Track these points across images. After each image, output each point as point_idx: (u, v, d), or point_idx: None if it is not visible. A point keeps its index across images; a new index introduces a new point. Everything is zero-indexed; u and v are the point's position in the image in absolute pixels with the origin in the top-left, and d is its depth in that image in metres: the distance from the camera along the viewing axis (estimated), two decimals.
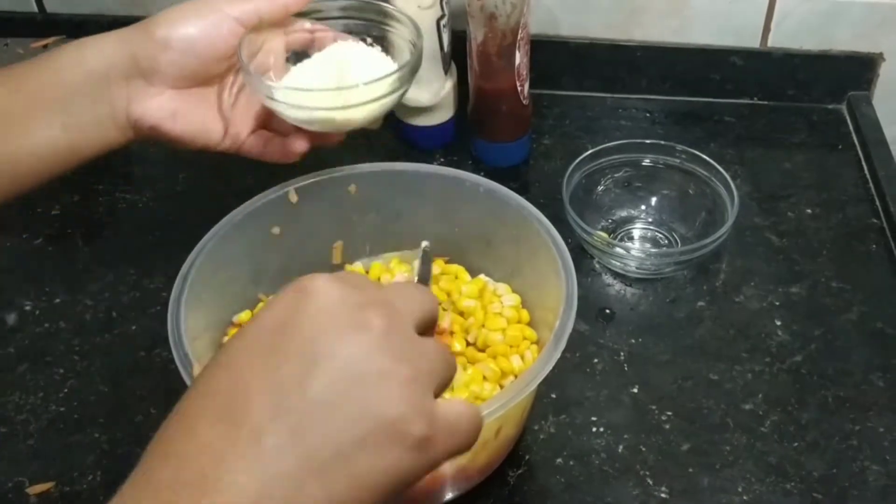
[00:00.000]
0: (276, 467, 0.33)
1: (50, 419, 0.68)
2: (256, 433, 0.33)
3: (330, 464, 0.34)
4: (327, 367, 0.35)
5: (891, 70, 0.92)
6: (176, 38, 0.58)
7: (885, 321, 0.74)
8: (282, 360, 0.35)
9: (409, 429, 0.35)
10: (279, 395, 0.34)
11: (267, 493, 0.33)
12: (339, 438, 0.34)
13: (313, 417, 0.34)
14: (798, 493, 0.63)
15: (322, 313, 0.36)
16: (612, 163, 0.82)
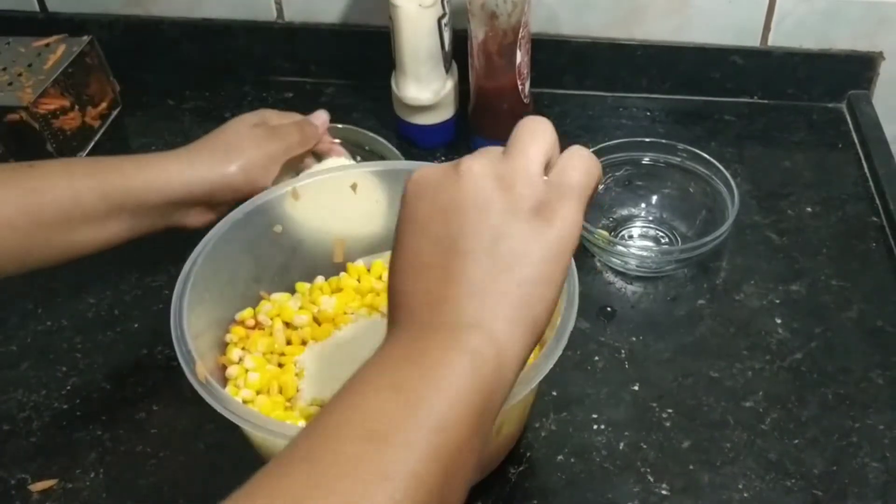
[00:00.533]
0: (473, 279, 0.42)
1: (52, 416, 0.68)
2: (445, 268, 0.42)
3: (498, 259, 0.42)
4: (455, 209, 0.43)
5: (890, 69, 0.93)
6: (246, 180, 0.70)
7: (884, 319, 0.74)
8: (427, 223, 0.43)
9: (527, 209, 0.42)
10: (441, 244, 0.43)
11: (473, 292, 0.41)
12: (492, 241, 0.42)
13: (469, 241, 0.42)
14: (798, 490, 0.63)
15: (428, 183, 0.44)
16: (612, 161, 0.82)
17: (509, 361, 0.41)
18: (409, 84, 0.86)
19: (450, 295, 0.41)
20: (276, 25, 0.98)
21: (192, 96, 0.99)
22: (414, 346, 0.41)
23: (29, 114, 0.84)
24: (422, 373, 0.39)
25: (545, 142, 0.45)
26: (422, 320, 0.42)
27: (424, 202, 0.44)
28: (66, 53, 0.89)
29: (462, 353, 0.40)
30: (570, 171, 0.44)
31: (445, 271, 0.42)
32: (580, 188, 0.44)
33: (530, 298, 0.42)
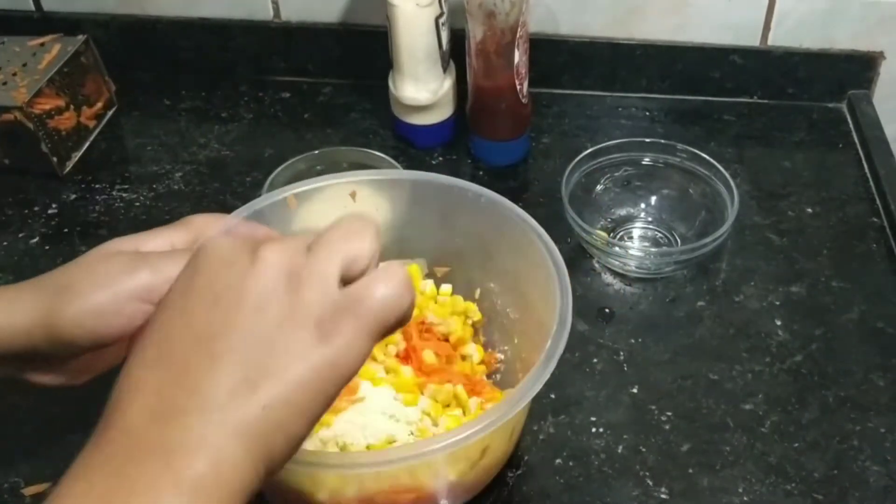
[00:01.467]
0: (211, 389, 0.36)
1: (46, 419, 0.68)
2: (185, 365, 0.37)
3: (253, 373, 0.36)
4: (231, 298, 0.37)
5: (891, 68, 0.92)
6: (85, 331, 0.49)
7: (885, 320, 0.74)
8: (192, 301, 0.38)
9: (322, 324, 0.37)
10: (195, 330, 0.37)
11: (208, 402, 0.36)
12: (254, 349, 0.36)
13: (228, 338, 0.36)
14: (798, 494, 0.62)
15: (221, 260, 0.39)
16: (611, 161, 0.81)
17: (232, 493, 0.35)
18: (407, 84, 0.86)
19: (179, 407, 0.35)
20: (272, 25, 0.97)
21: (188, 96, 0.98)
22: (120, 477, 0.34)
23: (23, 114, 0.83)
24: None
25: (359, 244, 0.39)
26: (139, 432, 0.35)
27: (201, 280, 0.38)
28: (62, 53, 0.89)
29: (179, 489, 0.34)
30: (374, 289, 0.38)
31: (186, 372, 0.36)
32: (377, 312, 0.38)
33: (272, 426, 0.36)
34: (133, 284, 0.48)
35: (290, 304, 0.37)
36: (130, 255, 0.51)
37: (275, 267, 0.38)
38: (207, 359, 0.36)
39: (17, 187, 0.88)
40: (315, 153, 0.82)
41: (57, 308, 0.49)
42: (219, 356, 0.36)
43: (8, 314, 0.50)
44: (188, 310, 0.38)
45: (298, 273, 0.38)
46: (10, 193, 0.87)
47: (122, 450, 0.35)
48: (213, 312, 0.37)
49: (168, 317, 0.39)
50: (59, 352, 0.50)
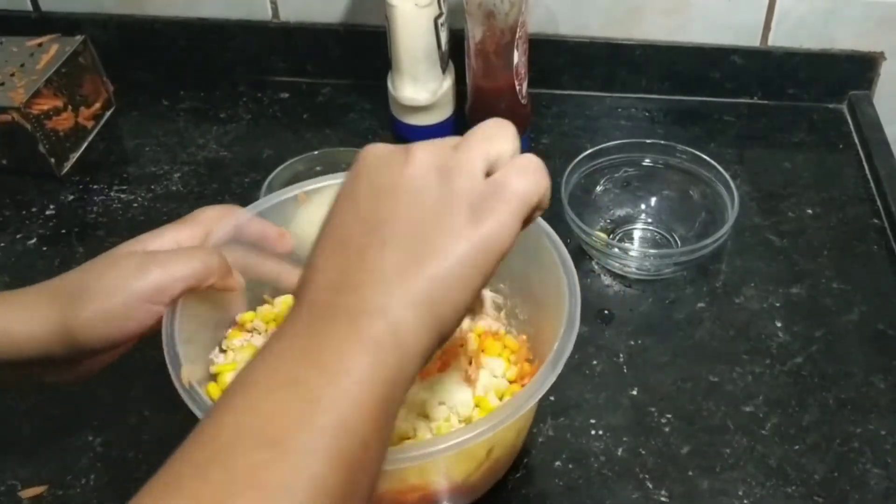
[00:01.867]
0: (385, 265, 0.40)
1: (43, 421, 0.67)
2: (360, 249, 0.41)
3: (418, 251, 0.40)
4: (391, 188, 0.42)
5: (891, 69, 0.92)
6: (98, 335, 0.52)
7: (886, 322, 0.73)
8: (359, 196, 0.42)
9: (474, 203, 0.41)
10: (365, 219, 0.42)
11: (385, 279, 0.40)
12: (417, 230, 0.41)
13: (393, 222, 0.41)
14: (799, 497, 0.62)
15: (379, 159, 0.43)
16: (611, 162, 0.81)
17: (410, 355, 0.39)
18: (406, 84, 0.85)
19: (358, 281, 0.40)
20: (271, 25, 0.97)
21: (186, 96, 0.98)
22: (312, 337, 0.39)
23: (21, 114, 0.83)
24: (320, 369, 0.37)
25: (500, 144, 0.43)
26: (326, 302, 0.40)
27: (364, 179, 0.43)
28: (59, 53, 0.88)
29: (363, 345, 0.38)
30: (516, 175, 0.42)
31: (361, 254, 0.40)
32: (521, 195, 0.42)
33: (439, 296, 0.40)
34: (143, 287, 0.52)
35: (444, 191, 0.41)
36: (139, 256, 0.54)
37: (427, 161, 0.42)
38: (378, 242, 0.40)
39: (15, 188, 0.88)
40: (314, 154, 0.81)
41: (71, 316, 0.51)
42: (387, 239, 0.40)
43: (25, 323, 0.52)
44: (356, 204, 0.42)
45: (448, 166, 0.42)
46: (8, 194, 0.87)
47: (312, 317, 0.40)
48: (378, 203, 0.41)
49: (339, 211, 0.43)
50: (73, 356, 0.53)
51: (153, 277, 0.52)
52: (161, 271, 0.53)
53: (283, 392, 0.36)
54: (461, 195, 0.41)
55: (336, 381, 0.37)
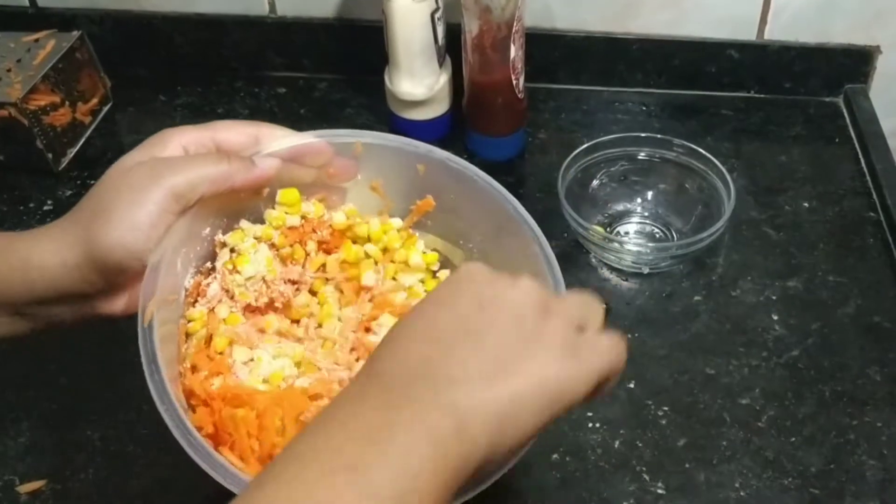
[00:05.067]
0: (472, 369, 0.41)
1: (41, 416, 0.68)
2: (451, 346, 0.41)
3: (506, 367, 0.41)
4: (495, 304, 0.43)
5: (887, 63, 0.92)
6: (127, 252, 0.50)
7: (882, 315, 0.74)
8: (461, 301, 0.43)
9: (565, 344, 0.42)
10: (463, 323, 0.42)
11: (466, 379, 0.40)
12: (510, 348, 0.42)
13: (490, 335, 0.42)
14: (795, 488, 0.63)
15: (487, 278, 0.44)
16: (607, 156, 0.81)
17: (470, 458, 0.39)
18: (403, 79, 0.85)
19: (440, 374, 0.40)
20: (268, 20, 0.97)
21: (183, 92, 0.98)
22: (380, 421, 0.39)
23: (18, 110, 0.83)
24: (383, 460, 0.37)
25: (594, 313, 0.46)
26: (400, 388, 0.40)
27: (467, 288, 0.44)
28: (56, 49, 0.88)
29: (428, 440, 0.38)
30: (606, 339, 0.45)
31: (450, 349, 0.41)
32: (607, 358, 0.44)
33: (512, 414, 0.40)
34: (161, 193, 0.50)
35: (541, 324, 0.43)
36: (149, 164, 0.52)
37: (532, 293, 0.44)
38: (471, 345, 0.41)
39: (13, 184, 0.88)
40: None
41: (95, 236, 0.50)
42: (481, 345, 0.41)
43: (54, 254, 0.50)
44: (454, 308, 0.43)
45: (549, 305, 0.44)
46: (5, 190, 0.87)
47: (385, 400, 0.40)
48: (481, 312, 0.42)
49: (436, 309, 0.43)
50: (111, 279, 0.51)
51: (168, 184, 0.50)
52: (176, 177, 0.51)
53: (342, 477, 0.36)
54: (556, 334, 0.43)
55: (393, 476, 0.37)
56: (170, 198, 0.51)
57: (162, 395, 0.50)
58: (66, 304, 0.52)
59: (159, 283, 0.52)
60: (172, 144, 0.54)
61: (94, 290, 0.52)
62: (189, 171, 0.51)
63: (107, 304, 0.53)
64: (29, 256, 0.50)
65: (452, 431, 0.38)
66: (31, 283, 0.51)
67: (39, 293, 0.51)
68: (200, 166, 0.52)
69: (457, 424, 0.39)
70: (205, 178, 0.52)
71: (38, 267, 0.50)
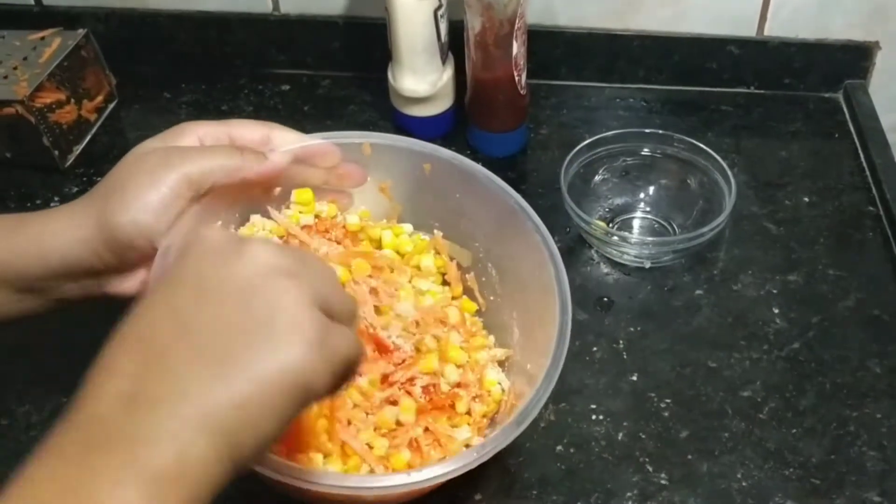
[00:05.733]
0: (186, 380, 0.36)
1: (52, 410, 0.68)
2: (164, 354, 0.37)
3: (228, 366, 0.36)
4: (216, 288, 0.38)
5: (887, 58, 0.93)
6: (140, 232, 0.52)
7: (881, 308, 0.74)
8: (178, 290, 0.39)
9: (304, 325, 0.38)
10: (179, 319, 0.38)
11: (182, 393, 0.36)
12: (234, 342, 0.37)
13: (210, 330, 0.37)
14: (796, 479, 0.63)
15: (209, 251, 0.40)
16: (609, 152, 0.82)
17: (196, 488, 0.35)
18: (406, 76, 0.86)
19: (153, 397, 0.36)
20: (272, 18, 0.98)
21: (188, 89, 0.99)
22: (83, 468, 0.34)
23: (25, 108, 0.83)
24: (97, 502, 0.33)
25: (336, 290, 0.42)
26: (109, 420, 0.36)
27: (189, 271, 0.39)
28: (62, 47, 0.89)
29: (139, 482, 0.34)
30: (347, 336, 0.41)
31: (164, 363, 0.36)
32: (349, 349, 0.40)
33: (241, 422, 0.36)
34: (175, 178, 0.52)
35: (272, 302, 0.38)
36: (163, 150, 0.54)
37: (263, 261, 0.38)
38: (186, 350, 0.36)
39: (19, 181, 0.88)
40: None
41: (109, 213, 0.51)
42: (198, 349, 0.36)
43: (68, 229, 0.52)
44: (173, 298, 0.38)
45: (287, 270, 0.39)
46: (12, 187, 0.88)
47: (89, 437, 0.35)
48: (199, 303, 0.37)
49: (152, 302, 0.39)
50: (122, 256, 0.52)
51: (183, 170, 0.52)
52: (190, 164, 0.53)
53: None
54: (291, 314, 0.38)
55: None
56: (183, 183, 0.52)
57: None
58: (77, 281, 0.53)
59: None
60: (189, 135, 0.56)
61: (105, 266, 0.53)
62: (203, 160, 0.53)
63: (115, 283, 0.54)
64: (43, 230, 0.52)
65: (169, 465, 0.35)
66: (46, 257, 0.52)
67: (53, 267, 0.52)
68: (214, 156, 0.54)
69: (174, 456, 0.35)
70: (218, 168, 0.54)
71: (52, 240, 0.52)
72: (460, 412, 0.60)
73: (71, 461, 0.35)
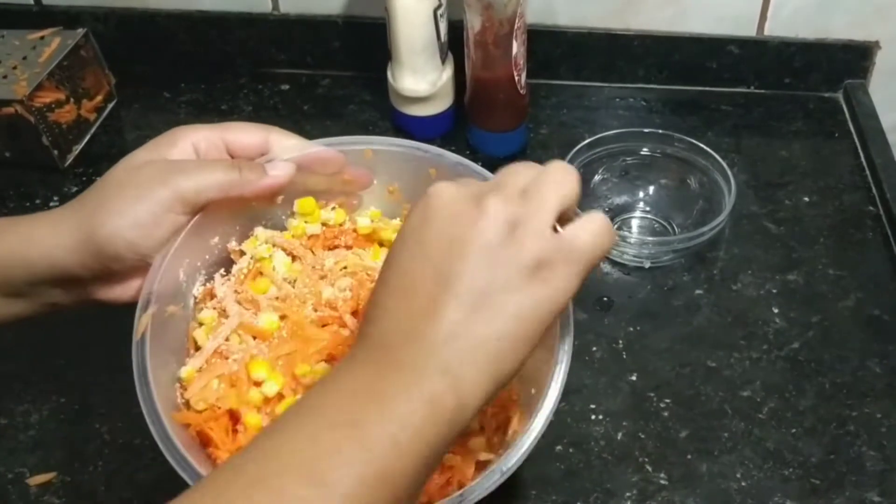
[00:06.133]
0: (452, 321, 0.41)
1: (50, 410, 0.68)
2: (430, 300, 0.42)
3: (485, 308, 0.41)
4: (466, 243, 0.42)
5: (887, 58, 0.93)
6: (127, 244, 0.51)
7: (881, 308, 0.74)
8: (431, 249, 0.43)
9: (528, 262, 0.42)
10: (439, 273, 0.42)
11: (452, 334, 0.41)
12: (486, 288, 0.42)
13: (466, 281, 0.42)
14: (796, 479, 0.63)
15: (445, 208, 0.43)
16: (609, 152, 0.82)
17: (467, 411, 0.41)
18: (406, 75, 0.86)
19: (427, 332, 0.41)
20: (271, 17, 0.98)
21: (187, 89, 0.99)
22: (380, 380, 0.41)
23: (24, 107, 0.83)
24: (380, 415, 0.39)
25: (567, 194, 0.44)
26: (393, 349, 0.42)
27: (434, 226, 0.43)
28: (61, 46, 0.89)
29: (424, 400, 0.40)
30: (584, 234, 0.44)
31: (431, 304, 0.42)
32: (588, 256, 0.44)
33: (504, 354, 0.42)
34: (167, 194, 0.51)
35: (515, 251, 0.42)
36: (159, 164, 0.53)
37: (499, 217, 0.42)
38: (448, 295, 0.41)
39: (19, 180, 0.88)
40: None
41: (96, 224, 0.50)
42: (455, 294, 0.41)
43: (54, 236, 0.51)
44: (426, 250, 0.42)
45: (518, 222, 0.42)
46: (12, 186, 0.88)
47: (381, 361, 0.41)
48: (451, 255, 0.42)
49: (408, 256, 0.43)
50: (108, 267, 0.51)
51: (176, 186, 0.51)
52: (184, 181, 0.51)
53: (342, 431, 0.39)
54: (529, 254, 0.42)
55: (392, 432, 0.39)
56: (175, 200, 0.51)
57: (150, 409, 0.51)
58: (63, 287, 0.53)
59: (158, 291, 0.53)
60: (182, 143, 0.54)
61: (91, 275, 0.52)
62: (198, 176, 0.52)
63: (103, 290, 0.54)
64: (30, 236, 0.51)
65: (446, 390, 0.40)
66: (31, 263, 0.51)
67: (39, 273, 0.51)
68: (210, 172, 0.53)
69: (451, 383, 0.40)
70: (214, 184, 0.52)
71: (38, 247, 0.51)
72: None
73: (370, 375, 0.41)
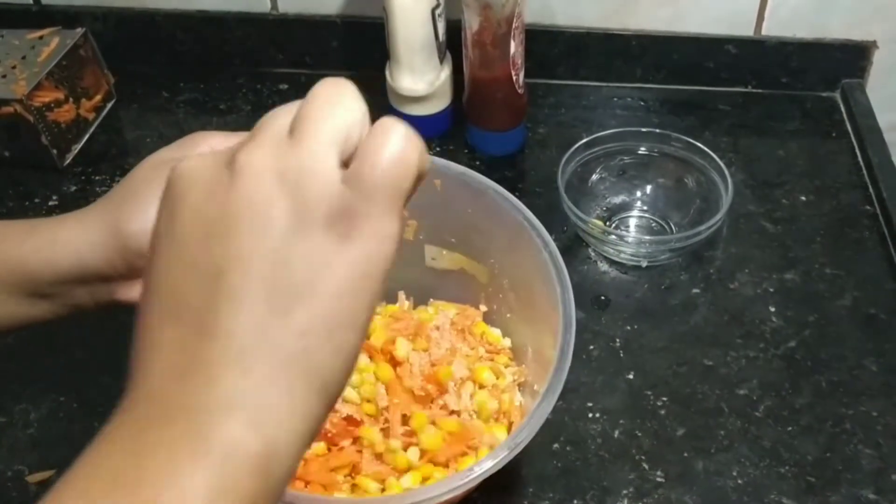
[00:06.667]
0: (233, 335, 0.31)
1: (50, 408, 0.68)
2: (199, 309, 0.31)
3: (280, 297, 0.31)
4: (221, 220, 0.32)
5: (884, 58, 0.93)
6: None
7: (877, 307, 0.74)
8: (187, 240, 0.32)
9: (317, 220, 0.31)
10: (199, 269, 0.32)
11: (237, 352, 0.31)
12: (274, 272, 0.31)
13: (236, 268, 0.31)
14: (792, 477, 0.63)
15: (192, 186, 0.33)
16: (607, 151, 0.82)
17: (281, 448, 0.30)
18: (404, 75, 0.86)
19: (203, 359, 0.30)
20: (270, 17, 0.98)
21: (186, 88, 0.99)
22: (145, 442, 0.30)
23: (23, 106, 0.84)
24: (150, 491, 0.28)
25: (344, 116, 0.32)
26: (166, 394, 0.31)
27: (185, 215, 0.32)
28: (60, 46, 0.89)
29: (213, 461, 0.29)
30: (378, 160, 0.31)
31: (202, 320, 0.31)
32: (392, 184, 0.31)
33: (318, 353, 0.31)
34: None
35: (294, 209, 0.31)
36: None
37: (259, 172, 0.31)
38: (222, 298, 0.31)
39: (18, 180, 0.88)
40: None
41: (122, 220, 0.49)
42: (234, 292, 0.30)
43: (81, 233, 0.50)
44: (182, 250, 0.32)
45: (290, 169, 0.31)
46: (11, 186, 0.88)
47: (147, 419, 0.31)
48: (210, 247, 0.31)
49: (164, 265, 0.32)
50: (133, 264, 0.50)
51: None
52: None
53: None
54: (316, 208, 0.31)
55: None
56: None
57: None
58: (88, 287, 0.52)
59: None
60: (203, 147, 0.53)
61: (116, 273, 0.52)
62: None
63: (126, 289, 0.53)
64: (55, 234, 0.51)
65: (241, 432, 0.30)
66: (56, 261, 0.51)
67: (64, 273, 0.51)
68: None
69: (246, 419, 0.30)
70: None
71: (64, 244, 0.51)
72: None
73: (123, 444, 0.30)
